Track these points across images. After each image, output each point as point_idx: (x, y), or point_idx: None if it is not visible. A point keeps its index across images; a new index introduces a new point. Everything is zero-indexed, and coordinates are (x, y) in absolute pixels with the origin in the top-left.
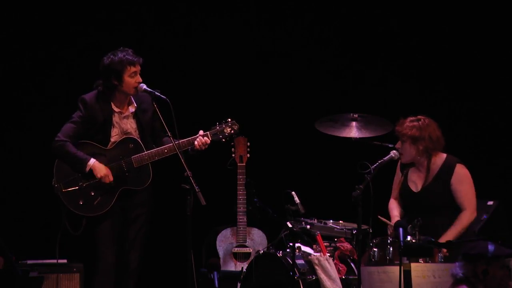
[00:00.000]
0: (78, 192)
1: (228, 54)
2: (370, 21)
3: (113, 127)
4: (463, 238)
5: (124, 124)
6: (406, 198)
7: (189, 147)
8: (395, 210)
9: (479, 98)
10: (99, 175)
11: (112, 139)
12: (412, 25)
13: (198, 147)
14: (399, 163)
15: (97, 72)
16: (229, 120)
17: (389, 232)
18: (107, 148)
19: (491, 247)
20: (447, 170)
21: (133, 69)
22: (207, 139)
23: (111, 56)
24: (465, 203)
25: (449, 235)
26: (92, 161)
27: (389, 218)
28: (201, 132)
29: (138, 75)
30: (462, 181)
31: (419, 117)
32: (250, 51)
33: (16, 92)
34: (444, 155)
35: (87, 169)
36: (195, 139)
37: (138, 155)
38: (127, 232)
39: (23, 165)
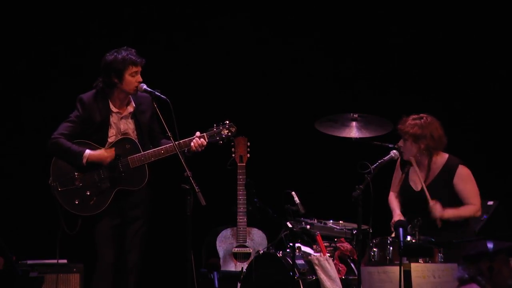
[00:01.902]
0: (74, 191)
1: (228, 54)
2: (370, 21)
3: (111, 128)
4: (463, 238)
5: (122, 124)
6: (407, 196)
7: (186, 148)
8: (395, 204)
9: (479, 98)
10: (104, 163)
11: (109, 140)
12: (412, 25)
13: (194, 148)
14: (399, 160)
15: (97, 71)
16: (227, 122)
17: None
18: (104, 148)
19: (490, 244)
20: (449, 171)
21: (134, 68)
22: (204, 140)
23: (115, 54)
24: (471, 200)
25: (453, 212)
26: (88, 152)
27: (389, 213)
28: (197, 133)
29: (139, 75)
30: (465, 180)
31: (421, 115)
32: (250, 51)
33: (14, 93)
34: (446, 155)
35: (84, 161)
36: (191, 140)
37: (134, 155)
38: (126, 232)
39: (23, 165)
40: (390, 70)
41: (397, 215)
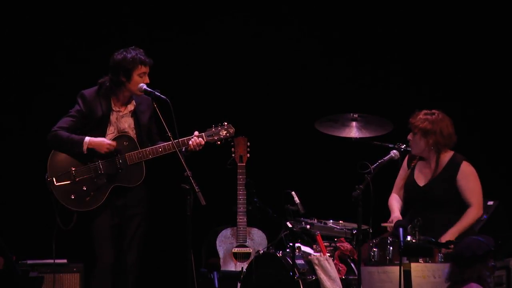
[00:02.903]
0: (70, 186)
1: (227, 54)
2: (370, 21)
3: (110, 125)
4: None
5: (122, 123)
6: (411, 192)
7: (183, 147)
8: (395, 205)
9: (479, 98)
10: (103, 151)
11: (108, 137)
12: (412, 25)
13: (192, 147)
14: (406, 158)
15: (97, 70)
16: (225, 123)
17: (388, 228)
18: None
19: (484, 240)
20: (453, 167)
21: (143, 68)
22: (202, 140)
23: (124, 53)
24: (472, 199)
25: (455, 231)
26: (88, 139)
27: (389, 213)
28: (196, 132)
29: (147, 76)
30: (468, 178)
31: (433, 111)
32: (250, 50)
33: (13, 92)
34: (452, 152)
35: (84, 148)
36: (190, 139)
37: (132, 152)
38: (124, 232)
39: (23, 164)
40: (390, 69)
41: (395, 217)
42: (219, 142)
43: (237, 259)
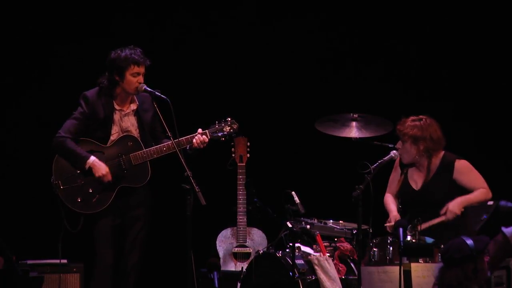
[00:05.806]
0: (76, 189)
1: (227, 53)
2: (371, 21)
3: (114, 125)
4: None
5: (125, 122)
6: (407, 196)
7: (188, 146)
8: (391, 204)
9: (479, 97)
10: (97, 174)
11: (112, 137)
12: (411, 25)
13: (196, 145)
14: (398, 160)
15: (97, 70)
16: (229, 119)
17: (388, 228)
18: (106, 146)
19: (470, 243)
20: (446, 167)
21: (136, 68)
22: (206, 137)
23: (118, 52)
24: (478, 186)
25: (464, 200)
26: (92, 159)
27: (386, 212)
28: (199, 130)
29: (141, 76)
30: (466, 172)
31: (420, 117)
32: (250, 50)
33: (14, 90)
34: (442, 152)
35: (87, 166)
36: (193, 137)
37: (136, 152)
38: (126, 234)
39: (23, 164)
40: (390, 69)
41: (393, 216)
42: (223, 139)
43: (237, 259)
